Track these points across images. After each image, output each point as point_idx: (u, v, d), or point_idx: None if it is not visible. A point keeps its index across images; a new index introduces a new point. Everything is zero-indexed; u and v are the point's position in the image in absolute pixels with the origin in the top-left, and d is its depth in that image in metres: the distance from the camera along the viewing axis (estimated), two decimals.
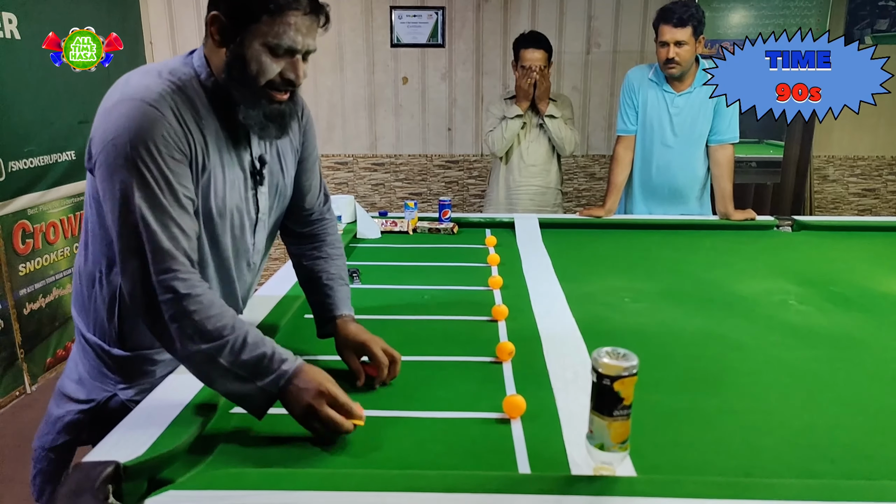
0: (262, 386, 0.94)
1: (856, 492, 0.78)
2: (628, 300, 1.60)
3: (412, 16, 3.78)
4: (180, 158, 0.99)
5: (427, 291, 1.63)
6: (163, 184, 0.96)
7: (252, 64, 1.00)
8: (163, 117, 0.97)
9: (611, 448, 0.79)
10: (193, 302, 0.93)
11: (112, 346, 1.14)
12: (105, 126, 0.97)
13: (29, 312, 2.80)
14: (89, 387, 1.17)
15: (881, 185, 4.07)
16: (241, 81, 1.01)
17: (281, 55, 1.00)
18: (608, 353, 0.77)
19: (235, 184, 1.10)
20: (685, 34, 2.25)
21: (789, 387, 1.14)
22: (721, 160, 2.44)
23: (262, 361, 0.94)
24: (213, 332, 0.93)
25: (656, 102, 2.42)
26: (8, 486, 2.16)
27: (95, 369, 1.16)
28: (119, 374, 1.15)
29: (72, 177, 3.08)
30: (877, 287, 1.70)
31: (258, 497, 0.76)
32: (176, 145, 0.98)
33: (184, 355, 0.95)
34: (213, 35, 1.01)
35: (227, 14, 0.99)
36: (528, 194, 2.74)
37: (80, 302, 1.16)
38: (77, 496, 0.72)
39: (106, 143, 0.96)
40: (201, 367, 0.95)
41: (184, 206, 0.99)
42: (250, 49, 0.99)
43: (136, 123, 0.95)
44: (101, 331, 1.14)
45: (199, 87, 1.04)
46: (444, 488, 0.77)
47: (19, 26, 2.70)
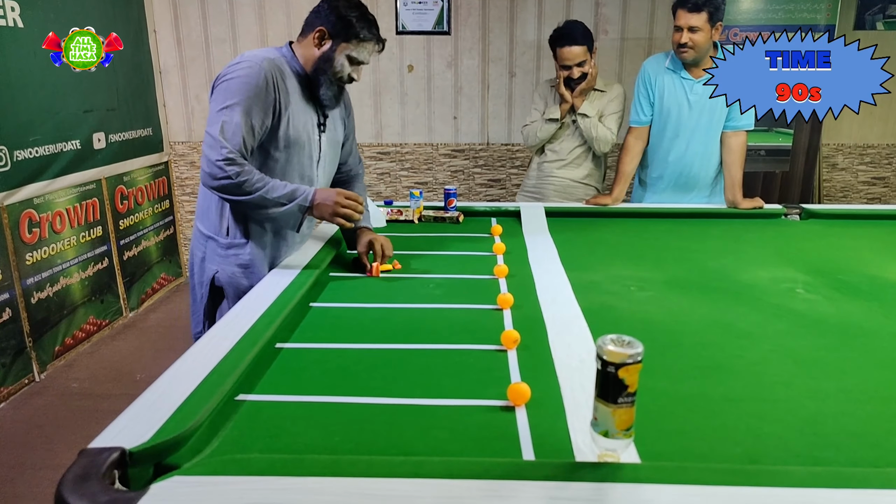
0: (298, 202, 1.55)
1: (861, 479, 0.78)
2: (634, 289, 1.59)
3: (418, 3, 3.75)
4: (262, 103, 1.54)
5: (432, 280, 1.63)
6: (244, 114, 1.51)
7: (336, 65, 1.62)
8: (269, 75, 1.55)
9: (615, 435, 0.78)
10: (246, 168, 1.51)
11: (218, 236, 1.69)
12: (223, 76, 1.56)
13: (37, 301, 2.82)
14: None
15: (891, 173, 4.03)
16: (325, 73, 1.63)
17: (354, 64, 1.64)
18: (613, 340, 0.77)
19: (307, 124, 1.68)
20: (700, 20, 2.22)
21: (795, 375, 1.13)
22: (734, 146, 2.41)
23: (292, 191, 1.55)
24: (258, 185, 1.52)
25: (674, 90, 2.39)
26: (19, 471, 2.19)
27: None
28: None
29: (78, 166, 3.09)
30: (885, 275, 1.69)
31: (263, 483, 0.76)
32: (271, 94, 1.55)
33: (243, 203, 1.54)
34: (315, 40, 1.61)
35: (330, 32, 1.60)
36: (555, 186, 2.68)
37: (200, 208, 1.73)
38: (83, 481, 0.73)
39: (220, 82, 1.55)
40: (256, 202, 1.53)
41: (251, 126, 1.54)
42: (338, 56, 1.62)
43: (245, 75, 1.53)
44: (213, 226, 1.69)
45: (287, 67, 1.63)
46: (449, 475, 0.77)
47: (22, 14, 2.69)
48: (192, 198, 4.14)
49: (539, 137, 2.62)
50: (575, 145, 2.63)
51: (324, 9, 1.61)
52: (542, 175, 2.71)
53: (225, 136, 1.50)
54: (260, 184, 1.52)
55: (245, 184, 1.50)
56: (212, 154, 1.50)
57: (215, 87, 1.57)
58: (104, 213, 3.34)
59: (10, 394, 2.67)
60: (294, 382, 1.09)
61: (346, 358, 1.19)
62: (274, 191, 1.53)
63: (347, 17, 1.58)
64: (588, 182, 2.69)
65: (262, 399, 1.03)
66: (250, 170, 1.52)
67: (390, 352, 1.21)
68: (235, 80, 1.53)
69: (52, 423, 2.49)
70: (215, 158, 1.49)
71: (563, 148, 2.65)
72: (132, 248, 3.61)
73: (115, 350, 3.17)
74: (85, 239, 3.18)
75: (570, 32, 2.46)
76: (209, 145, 1.51)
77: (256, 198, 1.52)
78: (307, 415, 0.98)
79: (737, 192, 2.40)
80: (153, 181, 3.85)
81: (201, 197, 1.72)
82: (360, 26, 1.59)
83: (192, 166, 4.07)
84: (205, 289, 1.71)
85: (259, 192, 1.51)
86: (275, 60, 1.58)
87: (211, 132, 1.51)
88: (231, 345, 1.15)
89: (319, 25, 1.59)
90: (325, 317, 1.40)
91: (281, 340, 1.25)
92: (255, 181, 1.51)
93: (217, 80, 1.57)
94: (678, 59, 2.36)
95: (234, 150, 1.50)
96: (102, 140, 3.30)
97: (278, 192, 1.54)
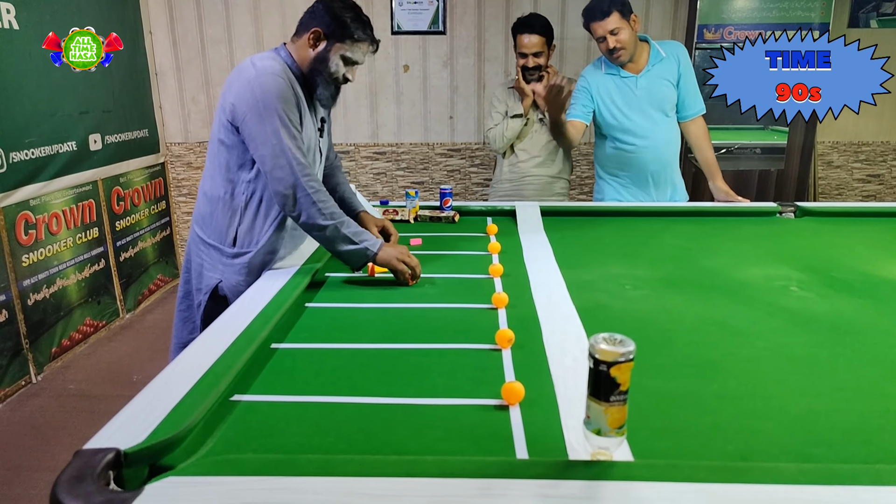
0: (365, 245, 1.57)
1: (853, 475, 0.78)
2: (629, 287, 1.59)
3: (413, 2, 3.75)
4: (296, 111, 1.57)
5: (427, 279, 1.63)
6: (291, 125, 1.54)
7: (331, 66, 1.61)
8: (288, 85, 1.56)
9: (608, 433, 0.79)
10: (323, 194, 1.56)
11: (225, 245, 1.68)
12: (252, 91, 1.52)
13: (33, 303, 2.82)
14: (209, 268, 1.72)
15: (885, 170, 4.04)
16: (321, 73, 1.62)
17: (348, 64, 1.64)
18: (605, 338, 0.77)
19: (312, 132, 1.69)
20: (615, 21, 2.26)
21: (788, 372, 1.14)
22: (698, 131, 2.47)
23: (362, 232, 1.59)
24: (335, 213, 1.57)
25: (620, 92, 2.40)
26: (15, 472, 2.19)
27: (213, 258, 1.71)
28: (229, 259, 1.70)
29: (74, 167, 3.09)
30: (879, 273, 1.69)
31: (258, 483, 0.77)
32: (294, 102, 1.57)
33: (319, 228, 1.55)
34: (310, 41, 1.60)
35: (325, 32, 1.59)
36: (534, 185, 2.72)
37: (201, 217, 1.70)
38: (78, 482, 0.73)
39: (256, 101, 1.52)
40: (329, 235, 1.56)
41: (301, 139, 1.58)
42: (333, 57, 1.61)
43: (276, 88, 1.53)
44: (219, 235, 1.68)
45: (291, 74, 1.60)
46: (443, 473, 0.78)
47: (17, 16, 2.69)
48: (188, 199, 4.14)
49: (506, 137, 2.65)
50: (545, 140, 2.68)
51: (318, 10, 1.61)
52: (517, 176, 2.74)
53: (297, 157, 1.52)
54: (337, 212, 1.57)
55: (323, 206, 1.54)
56: (293, 177, 1.51)
57: (243, 104, 1.52)
58: (100, 214, 3.34)
59: (7, 395, 2.66)
60: (289, 383, 1.09)
61: (340, 358, 1.20)
62: (347, 226, 1.57)
63: (342, 17, 1.59)
64: (562, 176, 2.76)
65: (257, 399, 1.03)
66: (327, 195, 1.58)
67: (385, 351, 1.22)
68: (272, 97, 1.51)
69: (49, 425, 2.49)
70: (301, 177, 1.52)
71: (534, 145, 2.68)
72: (129, 250, 3.61)
73: (111, 351, 3.17)
74: (81, 240, 3.18)
75: (531, 21, 2.54)
76: (284, 168, 1.51)
77: (331, 227, 1.54)
78: (302, 415, 0.98)
79: (716, 174, 2.45)
80: (149, 182, 3.85)
81: (203, 204, 1.70)
82: (354, 27, 1.60)
83: (189, 167, 4.07)
84: (203, 296, 1.71)
85: (334, 221, 1.55)
86: (285, 71, 1.58)
87: (281, 153, 1.51)
88: (226, 346, 1.15)
89: (314, 26, 1.60)
90: (320, 317, 1.40)
91: (276, 341, 1.25)
92: (332, 206, 1.57)
93: (242, 95, 1.52)
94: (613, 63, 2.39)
95: (309, 168, 1.55)
96: (99, 141, 3.30)
97: (351, 228, 1.57)
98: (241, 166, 1.62)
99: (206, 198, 1.68)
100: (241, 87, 1.53)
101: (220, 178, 1.64)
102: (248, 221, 1.65)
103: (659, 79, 2.38)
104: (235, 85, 1.55)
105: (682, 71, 2.38)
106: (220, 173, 1.64)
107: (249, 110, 1.52)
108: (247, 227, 1.65)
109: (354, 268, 1.62)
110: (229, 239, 1.66)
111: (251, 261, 1.66)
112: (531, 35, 2.52)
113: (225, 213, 1.65)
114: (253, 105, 1.51)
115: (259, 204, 1.64)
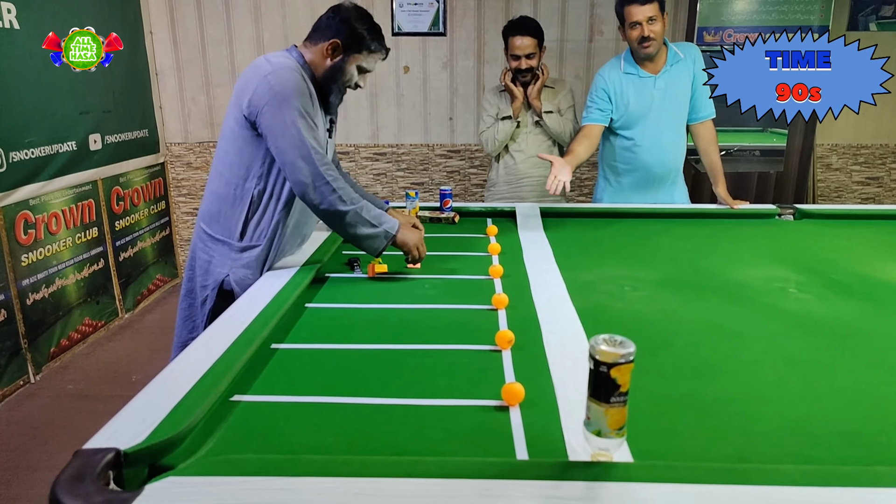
0: (385, 228, 1.63)
1: (851, 477, 0.78)
2: (628, 288, 1.60)
3: (413, 4, 3.76)
4: (311, 105, 1.61)
5: (428, 280, 1.63)
6: (308, 117, 1.58)
7: (347, 74, 1.68)
8: (304, 79, 1.60)
9: (608, 434, 0.79)
10: (340, 181, 1.59)
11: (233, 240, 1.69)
12: (270, 85, 1.55)
13: (32, 303, 2.81)
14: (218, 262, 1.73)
15: (884, 173, 4.05)
16: (336, 82, 1.68)
17: (361, 73, 1.71)
18: (605, 340, 0.77)
19: (323, 131, 1.72)
20: (653, 9, 2.24)
21: (787, 375, 1.14)
22: (706, 135, 2.46)
23: (381, 215, 1.65)
24: (354, 198, 1.60)
25: (637, 92, 2.39)
26: (14, 472, 2.18)
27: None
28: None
29: (74, 167, 3.08)
30: (878, 275, 1.70)
31: (258, 483, 0.77)
32: (310, 97, 1.61)
33: (340, 214, 1.58)
34: (328, 51, 1.64)
35: (344, 44, 1.64)
36: (531, 186, 2.72)
37: (208, 213, 1.71)
38: (78, 482, 0.73)
39: (275, 94, 1.54)
40: (349, 220, 1.59)
41: (317, 131, 1.61)
42: (349, 66, 1.67)
43: (293, 82, 1.56)
44: (227, 230, 1.69)
45: (304, 71, 1.64)
46: (443, 474, 0.78)
47: (18, 16, 2.69)
48: (188, 199, 4.14)
49: (499, 140, 2.66)
50: (541, 141, 2.68)
51: (336, 21, 1.64)
52: (514, 178, 2.74)
53: (315, 146, 1.55)
54: (355, 197, 1.61)
55: (342, 192, 1.57)
56: (312, 166, 1.54)
57: (260, 97, 1.54)
58: (100, 214, 3.34)
59: (6, 395, 2.66)
60: (289, 383, 1.09)
61: (340, 358, 1.20)
62: (366, 210, 1.61)
63: (360, 30, 1.64)
64: None
65: (257, 400, 1.03)
66: (344, 183, 1.61)
67: (385, 352, 1.22)
68: (290, 90, 1.54)
69: (48, 425, 2.49)
70: (320, 166, 1.55)
71: (530, 146, 2.69)
72: (128, 250, 3.61)
73: (110, 351, 3.17)
74: (81, 240, 3.17)
75: (524, 23, 2.55)
76: (304, 157, 1.54)
77: (352, 212, 1.58)
78: (302, 415, 0.98)
79: (720, 184, 2.44)
80: (149, 182, 3.85)
81: (211, 200, 1.71)
82: (370, 38, 1.66)
83: (189, 167, 4.07)
84: (209, 291, 1.71)
85: (354, 206, 1.58)
86: (299, 69, 1.61)
87: (301, 143, 1.53)
88: (226, 346, 1.15)
89: (332, 37, 1.63)
90: (320, 317, 1.41)
91: (276, 341, 1.25)
92: (350, 192, 1.60)
93: (258, 89, 1.54)
94: (632, 61, 2.38)
95: (326, 157, 1.58)
96: (98, 141, 3.30)
97: (372, 212, 1.62)
98: (251, 161, 1.63)
99: (215, 194, 1.69)
100: (258, 82, 1.56)
101: (229, 174, 1.66)
102: (257, 216, 1.66)
103: (676, 80, 2.37)
104: (252, 80, 1.57)
105: (696, 73, 2.38)
106: (229, 169, 1.66)
107: (267, 103, 1.54)
108: (255, 221, 1.67)
109: (375, 252, 1.64)
110: (237, 233, 1.67)
111: (259, 255, 1.67)
112: (524, 37, 2.52)
113: (234, 208, 1.67)
114: (271, 97, 1.54)
115: (269, 199, 1.66)
